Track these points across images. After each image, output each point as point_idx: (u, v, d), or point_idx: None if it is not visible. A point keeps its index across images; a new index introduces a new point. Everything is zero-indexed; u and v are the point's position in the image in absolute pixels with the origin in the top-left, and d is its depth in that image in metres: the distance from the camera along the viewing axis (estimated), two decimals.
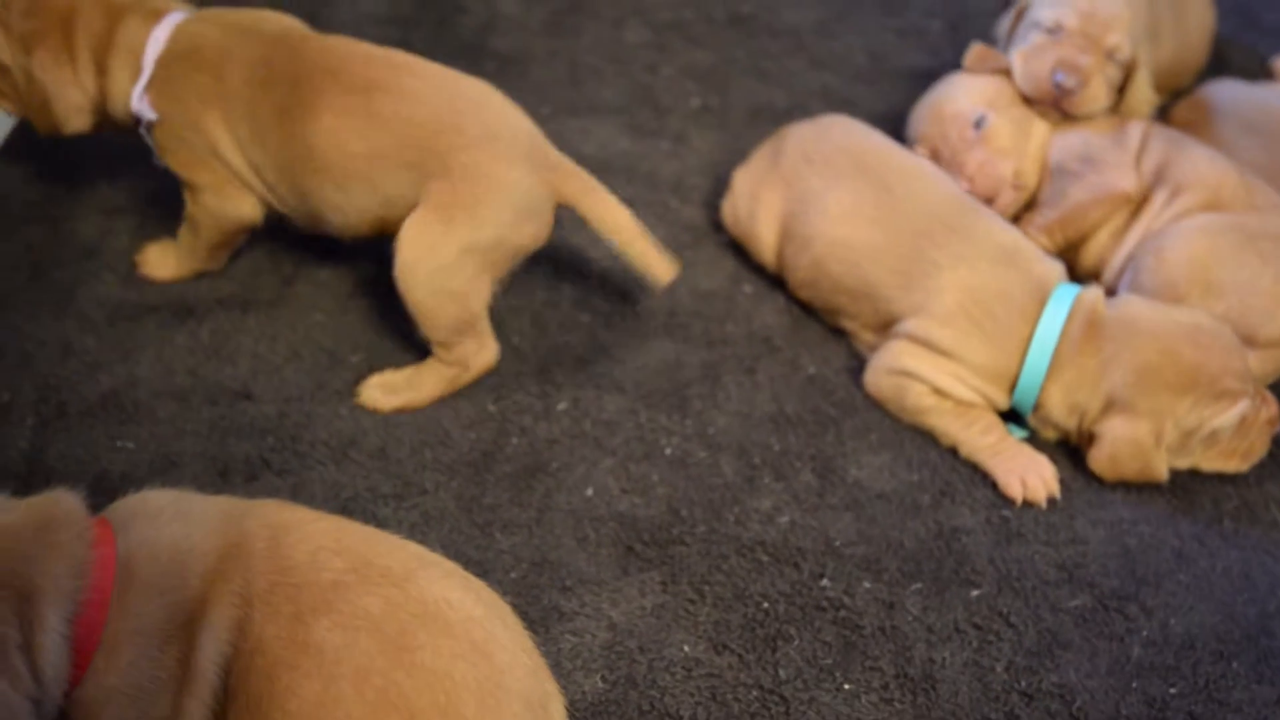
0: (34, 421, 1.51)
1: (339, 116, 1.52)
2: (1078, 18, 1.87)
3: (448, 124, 1.52)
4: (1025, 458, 1.55)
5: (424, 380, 1.60)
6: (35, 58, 1.56)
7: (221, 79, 1.57)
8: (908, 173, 1.73)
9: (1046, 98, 1.87)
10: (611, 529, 1.49)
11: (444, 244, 1.52)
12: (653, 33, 2.42)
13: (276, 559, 1.08)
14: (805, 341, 1.77)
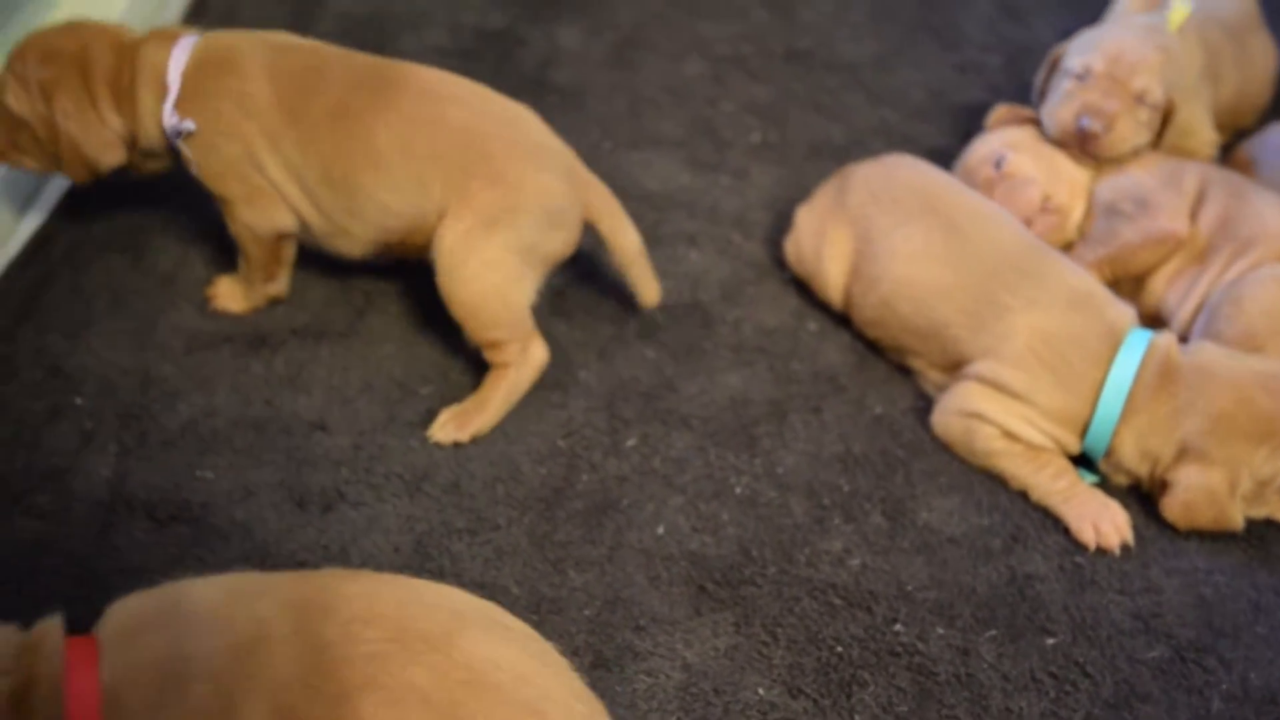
0: (117, 449, 1.53)
1: (406, 118, 1.59)
2: (1105, 62, 1.89)
3: (501, 134, 1.62)
4: (1097, 504, 1.55)
5: (487, 397, 1.62)
6: (57, 104, 1.59)
7: (257, 83, 1.61)
8: (977, 214, 1.73)
9: (1073, 142, 1.89)
10: (683, 568, 1.49)
11: (486, 244, 1.58)
12: (711, 66, 2.44)
13: (306, 640, 1.02)
14: (871, 380, 1.77)
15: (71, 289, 1.74)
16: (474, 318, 1.60)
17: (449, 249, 1.58)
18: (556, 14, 2.53)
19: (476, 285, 1.58)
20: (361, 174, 1.60)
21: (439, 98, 1.62)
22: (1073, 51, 1.96)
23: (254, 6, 2.42)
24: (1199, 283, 1.78)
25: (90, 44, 1.61)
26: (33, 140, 1.64)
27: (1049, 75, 2.00)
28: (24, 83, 1.60)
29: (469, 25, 2.46)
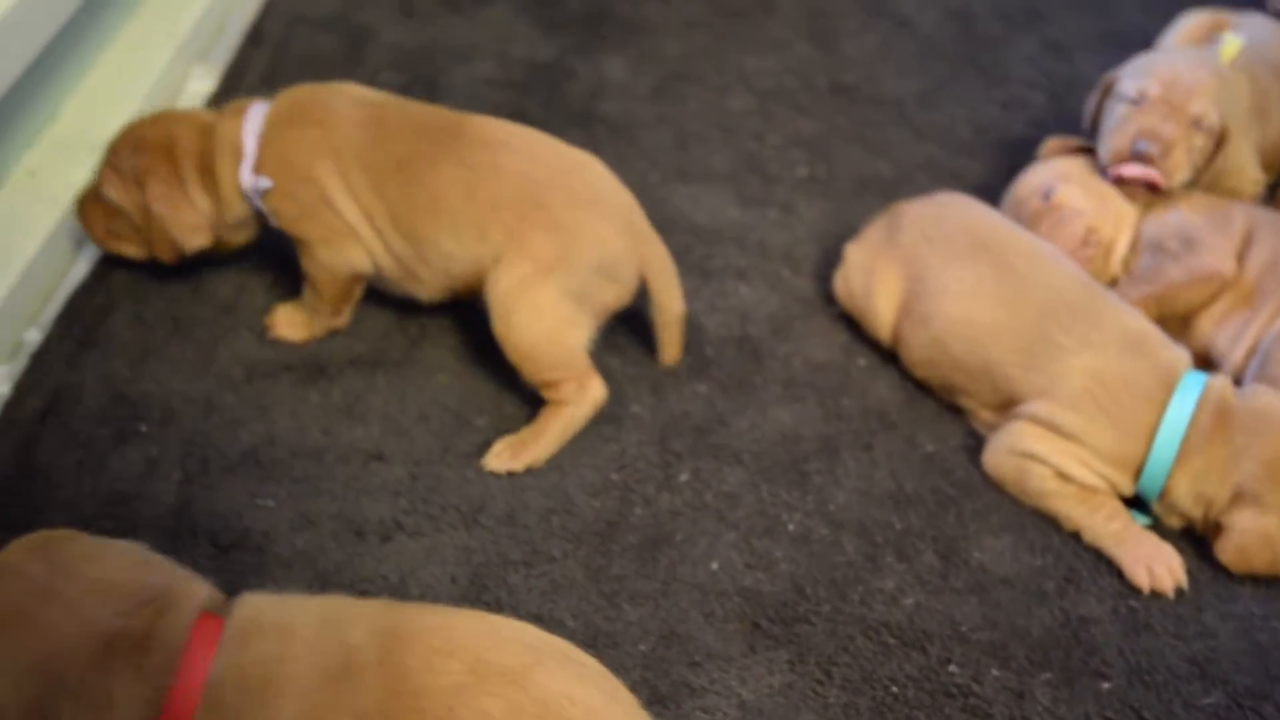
0: (180, 477, 1.55)
1: (465, 167, 1.64)
2: (1160, 86, 1.89)
3: (561, 184, 1.65)
4: (1151, 546, 1.56)
5: (543, 429, 1.63)
6: (149, 190, 1.69)
7: (332, 132, 1.67)
8: (1030, 254, 1.74)
9: (1128, 172, 1.89)
10: (737, 604, 1.50)
11: (540, 290, 1.61)
12: (757, 100, 2.46)
13: (390, 669, 1.05)
14: (921, 418, 1.78)
15: (134, 317, 1.77)
16: (529, 360, 1.63)
17: (503, 293, 1.61)
18: (604, 47, 2.56)
19: (531, 330, 1.61)
20: (425, 222, 1.65)
21: (499, 146, 1.66)
22: (1126, 76, 1.96)
23: (305, 39, 2.46)
24: (1250, 326, 1.78)
25: (175, 130, 1.71)
26: (129, 227, 1.74)
27: (1101, 102, 2.01)
28: (120, 173, 1.71)
29: (518, 57, 2.49)
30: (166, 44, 2.21)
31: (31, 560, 1.08)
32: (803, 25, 2.70)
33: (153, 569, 1.13)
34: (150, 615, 1.07)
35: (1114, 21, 2.78)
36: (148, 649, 1.05)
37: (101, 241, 1.77)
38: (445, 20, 2.59)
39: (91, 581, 1.07)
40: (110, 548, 1.13)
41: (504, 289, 1.61)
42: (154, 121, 1.75)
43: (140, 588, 1.08)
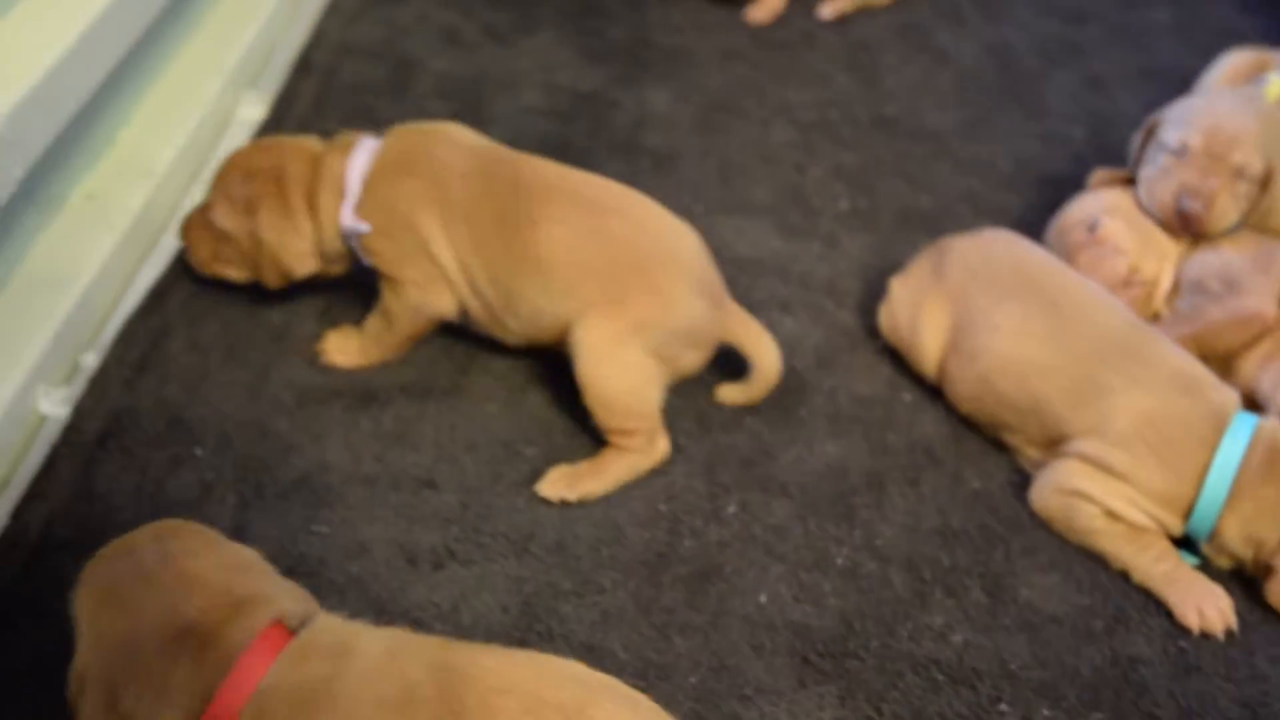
0: (235, 501, 1.57)
1: (566, 228, 1.66)
2: (1202, 137, 1.90)
3: (659, 251, 1.68)
4: (1201, 587, 1.56)
5: (605, 467, 1.65)
6: (260, 218, 1.71)
7: (435, 184, 1.69)
8: (1078, 293, 1.75)
9: (1173, 221, 1.90)
10: (786, 638, 1.51)
11: (629, 347, 1.64)
12: (799, 132, 2.47)
13: (448, 705, 1.07)
14: (967, 454, 1.79)
15: (189, 341, 1.80)
16: (608, 410, 1.65)
17: (593, 343, 1.64)
18: (646, 77, 2.58)
19: (616, 383, 1.64)
20: (523, 277, 1.67)
21: (603, 209, 1.69)
22: (1169, 123, 1.97)
23: (353, 68, 2.49)
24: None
25: (285, 159, 1.74)
26: (237, 253, 1.77)
27: (1145, 143, 2.02)
28: (230, 200, 1.73)
29: (563, 87, 2.52)
30: (217, 73, 2.25)
31: (149, 544, 1.15)
32: (843, 58, 2.72)
33: (246, 574, 1.17)
34: (224, 615, 1.11)
35: (1153, 57, 2.79)
36: (211, 646, 1.09)
37: (206, 264, 1.79)
38: (490, 50, 2.62)
39: (186, 574, 1.13)
40: (217, 547, 1.19)
41: (595, 340, 1.64)
42: (265, 149, 1.77)
43: (226, 589, 1.13)
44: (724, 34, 2.76)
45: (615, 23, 2.76)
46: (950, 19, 2.89)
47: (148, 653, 1.08)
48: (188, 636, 1.09)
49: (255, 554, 1.23)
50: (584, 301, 1.65)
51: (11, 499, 1.55)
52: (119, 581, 1.12)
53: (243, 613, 1.12)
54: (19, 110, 1.54)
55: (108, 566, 1.15)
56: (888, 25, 2.85)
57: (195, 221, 1.78)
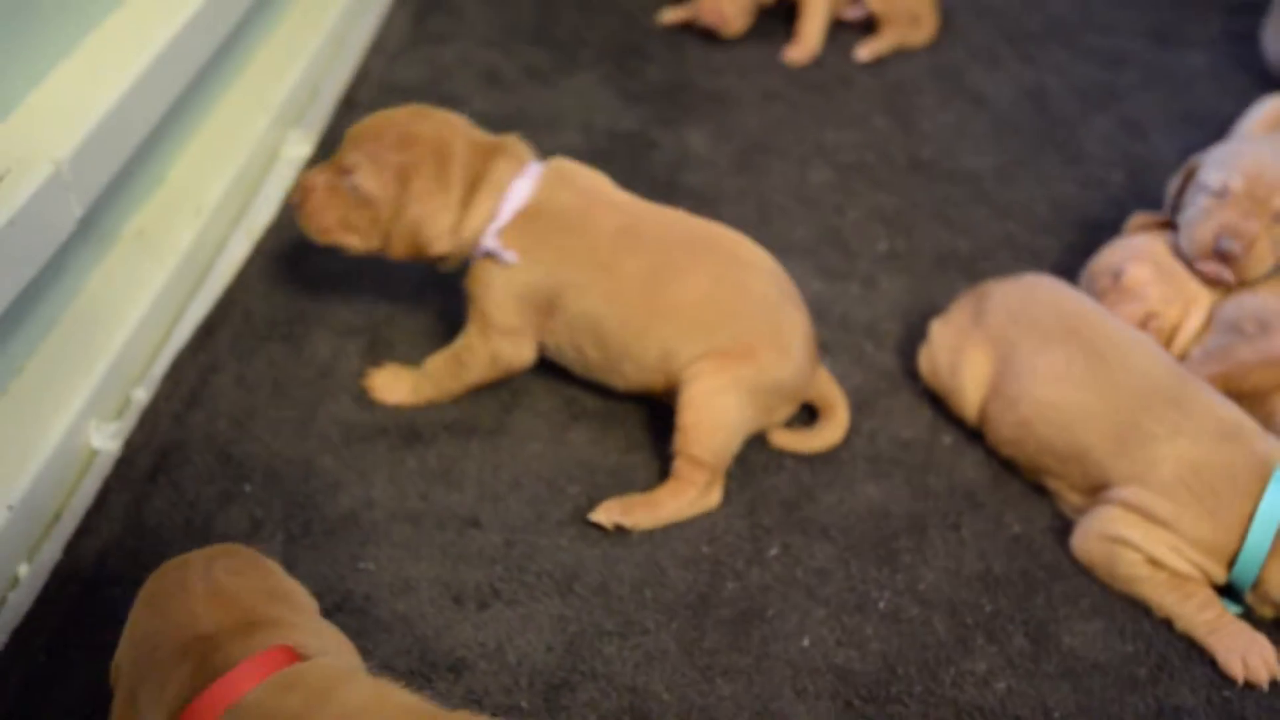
0: (284, 538, 1.59)
1: (710, 279, 1.71)
2: (1244, 180, 1.91)
3: (784, 307, 1.76)
4: (1246, 636, 1.55)
5: (661, 501, 1.67)
6: (413, 188, 1.66)
7: (588, 243, 1.70)
8: (1120, 340, 1.75)
9: (1210, 263, 1.90)
10: (829, 682, 1.51)
11: (744, 393, 1.70)
12: (837, 174, 2.49)
13: None
14: (1008, 498, 1.79)
15: (237, 377, 1.82)
16: (698, 440, 1.67)
17: (714, 373, 1.68)
18: (685, 118, 2.61)
19: (722, 416, 1.68)
20: (661, 324, 1.69)
21: (742, 262, 1.75)
22: (1210, 166, 1.97)
23: (397, 105, 2.52)
24: None
25: (447, 132, 1.69)
26: (370, 221, 1.69)
27: (1183, 186, 2.03)
28: (379, 165, 1.65)
29: (602, 127, 2.55)
30: (264, 111, 2.29)
31: (201, 561, 1.22)
32: (880, 100, 2.74)
33: (278, 602, 1.21)
34: (235, 631, 1.16)
35: (1190, 102, 2.80)
36: (211, 656, 1.13)
37: (326, 232, 1.71)
38: (530, 90, 2.65)
39: (220, 591, 1.19)
40: (263, 573, 1.24)
41: (716, 372, 1.68)
42: (421, 116, 1.70)
43: (249, 609, 1.18)
44: (762, 75, 2.79)
45: (655, 64, 2.79)
46: (986, 62, 2.91)
47: (163, 654, 1.14)
48: (197, 645, 1.14)
49: (304, 592, 1.27)
50: (715, 348, 1.69)
51: (65, 533, 1.57)
52: (163, 589, 1.20)
53: (252, 633, 1.16)
54: (80, 152, 1.57)
55: (160, 575, 1.23)
56: (924, 67, 2.87)
57: (321, 185, 1.69)
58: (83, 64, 1.72)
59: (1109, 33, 3.09)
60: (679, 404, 1.70)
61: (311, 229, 1.71)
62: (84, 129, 1.59)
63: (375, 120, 1.71)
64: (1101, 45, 3.03)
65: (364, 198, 1.67)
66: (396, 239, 1.70)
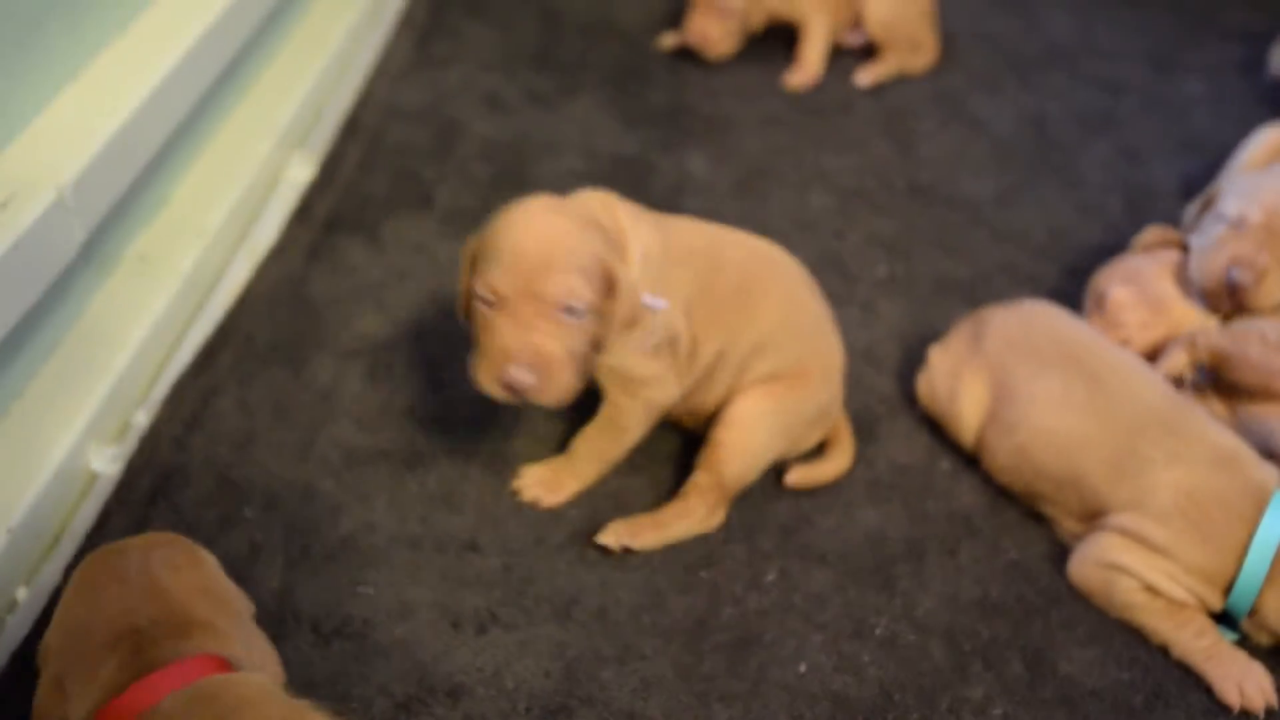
0: (283, 561, 1.59)
1: (788, 299, 1.76)
2: (1263, 213, 1.91)
3: (833, 332, 1.82)
4: (1242, 664, 1.55)
5: (667, 522, 1.68)
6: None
7: (688, 270, 1.65)
8: (1118, 367, 1.76)
9: (1220, 290, 1.91)
10: (826, 708, 1.51)
11: (793, 414, 1.75)
12: (837, 199, 2.50)
13: None
14: (1005, 524, 1.79)
15: (238, 401, 1.83)
16: (728, 459, 1.70)
17: (761, 396, 1.71)
18: (685, 142, 2.62)
19: (755, 440, 1.71)
20: (745, 340, 1.70)
21: (804, 283, 1.80)
22: (1230, 195, 1.98)
23: (399, 129, 2.54)
24: None
25: (594, 207, 1.61)
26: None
27: (1202, 212, 2.04)
28: (588, 277, 1.49)
29: (603, 151, 2.56)
30: (268, 134, 2.30)
31: (139, 551, 1.24)
32: (880, 125, 2.75)
33: (213, 605, 1.23)
34: (167, 631, 1.18)
35: (1189, 129, 2.81)
36: (142, 653, 1.16)
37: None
38: (532, 114, 2.67)
39: (155, 585, 1.21)
40: (200, 570, 1.26)
41: (762, 405, 1.71)
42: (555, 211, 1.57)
43: (183, 609, 1.20)
44: (763, 100, 2.80)
45: (656, 88, 2.80)
46: (986, 88, 2.93)
47: (93, 644, 1.17)
48: (129, 638, 1.16)
49: (240, 595, 1.30)
50: (779, 369, 1.72)
51: (64, 556, 1.57)
52: (99, 576, 1.22)
53: (185, 635, 1.18)
54: (83, 178, 1.58)
55: (94, 562, 1.25)
56: (924, 93, 2.89)
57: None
58: (87, 90, 1.73)
59: (1109, 59, 3.11)
60: (720, 419, 1.71)
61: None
62: (87, 155, 1.60)
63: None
64: (1101, 71, 3.05)
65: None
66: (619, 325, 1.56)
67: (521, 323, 1.47)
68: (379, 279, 2.11)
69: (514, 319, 1.47)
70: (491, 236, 1.51)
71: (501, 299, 1.47)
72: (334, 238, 2.19)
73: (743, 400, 1.71)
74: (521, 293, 1.46)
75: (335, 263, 2.13)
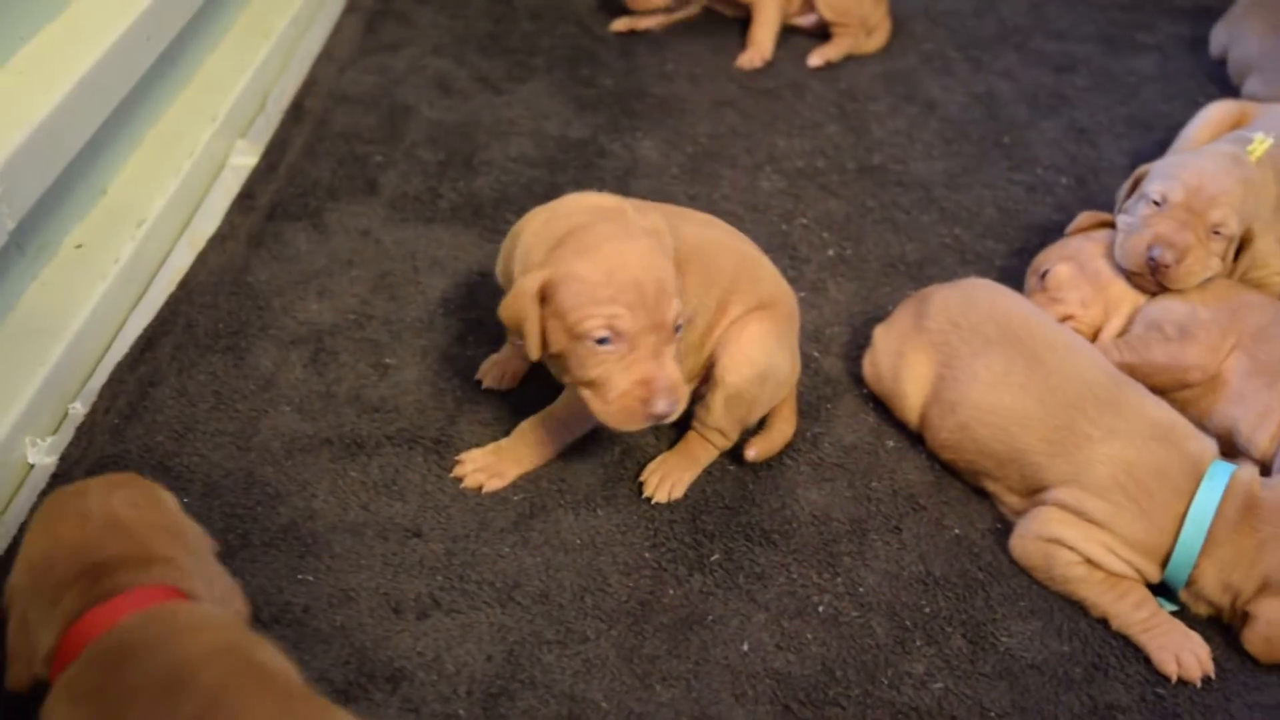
0: (222, 549, 1.57)
1: (733, 253, 1.77)
2: (1184, 192, 1.93)
3: (780, 281, 1.85)
4: (1179, 634, 1.57)
5: (697, 457, 1.77)
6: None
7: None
8: (1057, 344, 1.77)
9: (1144, 270, 1.93)
10: (768, 686, 1.52)
11: (773, 330, 1.76)
12: (787, 181, 2.50)
13: (210, 707, 1.13)
14: (949, 501, 1.80)
15: (177, 390, 1.81)
16: (736, 362, 1.72)
17: (746, 320, 1.74)
18: (637, 125, 2.61)
19: (756, 349, 1.74)
20: (710, 302, 1.71)
21: (747, 242, 1.84)
22: (1154, 176, 1.99)
23: (345, 116, 2.53)
24: (1273, 413, 1.79)
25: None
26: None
27: (1130, 192, 2.05)
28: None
29: (553, 135, 2.55)
30: (210, 121, 2.28)
31: (99, 490, 1.27)
32: (832, 107, 2.75)
33: (172, 540, 1.26)
34: (125, 563, 1.20)
35: (1138, 107, 2.82)
36: (100, 583, 1.19)
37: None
38: (482, 98, 2.65)
39: (117, 522, 1.24)
40: (160, 508, 1.29)
41: (752, 325, 1.73)
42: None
43: (143, 544, 1.23)
44: (715, 83, 2.80)
45: (607, 71, 2.79)
46: (938, 68, 2.93)
47: (55, 576, 1.20)
48: (90, 570, 1.19)
49: (202, 533, 1.32)
50: (755, 299, 1.75)
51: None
52: (59, 516, 1.25)
53: (145, 566, 1.21)
54: (11, 164, 1.56)
55: (56, 501, 1.28)
56: (876, 74, 2.89)
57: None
58: (15, 77, 1.71)
59: (1060, 38, 3.12)
60: (715, 355, 1.72)
61: (682, 407, 1.59)
62: (15, 143, 1.58)
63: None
64: (1052, 50, 3.06)
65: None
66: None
67: (651, 353, 1.50)
68: (323, 265, 2.09)
69: (642, 351, 1.49)
70: (575, 270, 1.49)
71: (624, 334, 1.48)
72: (277, 225, 2.17)
73: (732, 330, 1.72)
74: (646, 327, 1.48)
75: (278, 250, 2.11)
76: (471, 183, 2.37)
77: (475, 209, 2.29)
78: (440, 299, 2.06)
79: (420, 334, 1.98)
